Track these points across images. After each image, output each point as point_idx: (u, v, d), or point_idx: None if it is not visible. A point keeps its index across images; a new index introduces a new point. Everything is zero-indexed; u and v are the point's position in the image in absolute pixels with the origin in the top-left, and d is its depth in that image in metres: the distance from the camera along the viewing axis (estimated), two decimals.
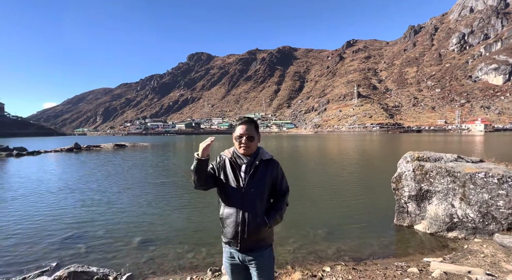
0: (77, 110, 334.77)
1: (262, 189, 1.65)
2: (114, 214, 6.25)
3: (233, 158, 1.69)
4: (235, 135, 1.67)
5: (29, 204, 7.23)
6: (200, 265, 3.79)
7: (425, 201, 4.63)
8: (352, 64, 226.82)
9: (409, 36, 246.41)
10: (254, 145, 1.70)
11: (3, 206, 7.01)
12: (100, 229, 5.26)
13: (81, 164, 16.91)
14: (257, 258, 1.66)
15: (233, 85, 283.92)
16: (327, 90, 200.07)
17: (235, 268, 1.72)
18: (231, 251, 1.70)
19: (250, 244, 1.63)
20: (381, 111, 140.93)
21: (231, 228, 1.62)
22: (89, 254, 4.24)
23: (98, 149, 29.07)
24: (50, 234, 5.07)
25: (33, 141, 54.27)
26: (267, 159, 1.70)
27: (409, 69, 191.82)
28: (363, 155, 20.53)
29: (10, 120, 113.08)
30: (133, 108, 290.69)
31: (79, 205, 7.02)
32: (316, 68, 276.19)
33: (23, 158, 20.85)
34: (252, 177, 1.63)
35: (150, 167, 14.63)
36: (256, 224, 1.60)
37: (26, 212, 6.50)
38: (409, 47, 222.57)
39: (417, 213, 4.78)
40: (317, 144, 36.62)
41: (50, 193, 8.50)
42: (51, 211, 6.51)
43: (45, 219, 5.95)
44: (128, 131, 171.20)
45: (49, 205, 7.06)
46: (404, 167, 4.86)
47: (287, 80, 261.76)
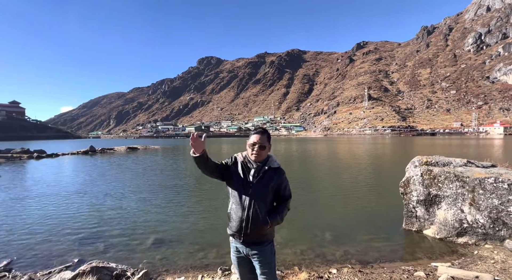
0: (91, 114, 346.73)
1: (266, 192, 1.85)
2: (129, 214, 6.55)
3: (245, 161, 1.90)
4: (249, 142, 1.88)
5: (50, 203, 7.67)
6: (210, 264, 3.96)
7: (434, 205, 4.62)
8: (363, 66, 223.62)
9: (422, 37, 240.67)
10: (265, 153, 1.89)
11: (27, 206, 7.48)
12: (116, 229, 5.54)
13: (97, 166, 17.60)
14: (259, 252, 1.86)
15: (242, 88, 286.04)
16: (337, 93, 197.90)
17: (240, 260, 1.94)
18: (237, 245, 1.91)
19: (252, 239, 1.83)
20: (393, 114, 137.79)
21: (236, 223, 1.83)
22: (107, 251, 4.51)
23: (111, 151, 30.07)
24: (70, 232, 5.40)
25: (51, 144, 56.71)
26: (275, 167, 1.89)
27: (422, 70, 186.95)
28: (374, 158, 20.23)
29: (30, 124, 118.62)
30: (144, 112, 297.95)
31: (96, 205, 7.38)
32: (325, 70, 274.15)
33: (43, 160, 21.90)
34: (259, 181, 1.84)
35: (161, 170, 15.05)
36: (258, 222, 1.80)
37: (48, 211, 6.91)
38: (422, 48, 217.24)
39: (426, 217, 4.77)
40: (326, 147, 36.30)
41: (68, 193, 8.97)
42: (70, 211, 6.90)
43: (65, 218, 6.32)
44: (140, 134, 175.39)
45: (68, 205, 7.47)
46: (412, 171, 4.87)
47: (296, 83, 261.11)
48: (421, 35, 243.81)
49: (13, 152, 23.98)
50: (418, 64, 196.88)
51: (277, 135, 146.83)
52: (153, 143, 59.87)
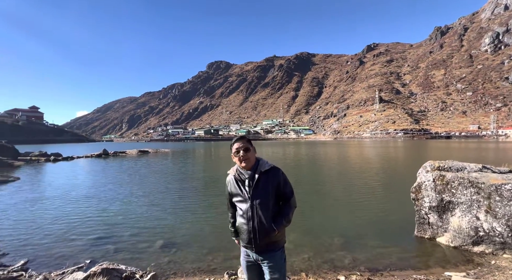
0: (105, 118, 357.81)
1: (266, 198, 1.84)
2: (139, 217, 6.68)
3: (237, 174, 1.90)
4: (233, 152, 1.89)
5: (64, 205, 7.94)
6: (217, 268, 3.98)
7: (448, 212, 4.46)
8: (373, 68, 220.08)
9: (435, 38, 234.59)
10: (252, 155, 1.88)
11: (42, 207, 7.78)
12: (126, 231, 5.67)
13: (109, 169, 18.10)
14: (269, 258, 1.86)
15: (251, 92, 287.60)
16: (347, 96, 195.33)
17: (250, 265, 1.96)
18: (247, 250, 1.94)
19: (263, 247, 1.85)
20: (405, 117, 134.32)
21: (245, 235, 1.86)
22: (117, 253, 4.61)
23: (123, 154, 30.84)
24: (82, 234, 5.57)
25: (67, 147, 58.83)
26: (267, 169, 1.88)
27: (436, 72, 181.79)
28: (386, 162, 19.74)
29: (48, 128, 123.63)
30: (155, 116, 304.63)
31: (107, 208, 7.58)
32: (335, 73, 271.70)
33: (59, 162, 22.74)
34: (255, 189, 1.84)
35: (170, 173, 15.29)
36: (264, 231, 1.80)
37: (62, 213, 7.16)
38: (436, 49, 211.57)
39: (439, 224, 4.60)
40: (336, 151, 35.78)
41: (81, 196, 9.26)
42: (82, 213, 7.11)
43: (77, 220, 6.52)
44: (151, 138, 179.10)
45: (80, 207, 7.71)
46: (424, 176, 4.73)
47: (305, 86, 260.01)
48: (434, 36, 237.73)
49: (32, 155, 25.05)
50: (432, 65, 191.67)
51: (286, 138, 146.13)
52: (163, 146, 60.96)
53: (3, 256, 4.56)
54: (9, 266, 4.17)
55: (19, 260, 4.39)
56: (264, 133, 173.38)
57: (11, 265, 4.21)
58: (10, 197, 9.13)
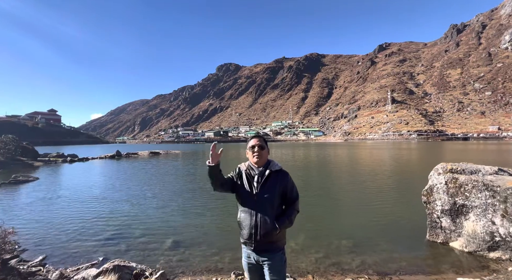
0: (118, 120, 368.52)
1: (272, 196, 1.87)
2: (150, 216, 6.86)
3: (248, 170, 1.96)
4: (249, 146, 1.97)
5: (79, 205, 8.27)
6: (224, 268, 4.03)
7: (461, 216, 4.31)
8: (385, 68, 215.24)
9: (451, 36, 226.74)
10: (265, 154, 1.95)
11: (59, 206, 8.13)
12: (137, 230, 5.83)
13: (121, 170, 18.63)
14: (270, 259, 1.88)
15: (260, 93, 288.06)
16: (358, 97, 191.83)
17: (251, 267, 1.97)
18: (248, 252, 1.94)
19: (263, 245, 1.85)
20: (419, 118, 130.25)
21: (247, 230, 1.87)
22: (128, 251, 4.76)
23: (136, 156, 31.64)
24: (95, 232, 5.78)
25: (83, 148, 61.03)
26: (276, 169, 1.93)
27: (452, 71, 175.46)
28: (398, 164, 19.24)
29: (65, 130, 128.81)
30: (166, 118, 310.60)
31: (119, 208, 7.82)
32: (345, 74, 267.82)
33: (75, 163, 23.64)
34: (263, 185, 1.88)
35: (180, 174, 15.56)
36: (267, 228, 1.82)
37: (77, 212, 7.45)
38: (451, 48, 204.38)
39: (452, 229, 4.45)
40: (347, 152, 35.19)
41: (95, 196, 9.60)
42: (96, 212, 7.37)
43: (92, 218, 6.77)
44: (162, 139, 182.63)
45: (94, 207, 7.99)
46: (436, 179, 4.60)
47: (314, 87, 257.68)
48: (450, 34, 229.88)
49: (50, 156, 26.18)
50: (447, 64, 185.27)
51: (295, 140, 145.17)
52: (174, 147, 62.05)
53: (23, 251, 4.81)
54: (28, 261, 4.40)
55: (37, 255, 4.62)
56: (273, 135, 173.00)
57: (30, 260, 4.43)
58: (29, 196, 9.60)
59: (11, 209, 7.82)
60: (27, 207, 8.06)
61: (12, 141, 21.93)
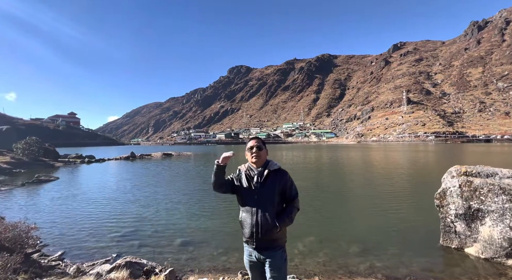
0: (133, 122, 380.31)
1: (272, 195, 1.92)
2: (161, 216, 7.06)
3: (247, 171, 2.03)
4: (247, 147, 2.03)
5: (95, 203, 8.64)
6: (232, 268, 4.09)
7: (477, 221, 4.14)
8: (400, 68, 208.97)
9: (472, 33, 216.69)
10: (263, 154, 2.01)
11: (77, 205, 8.53)
12: (149, 229, 6.03)
13: (135, 171, 19.23)
14: (270, 257, 1.92)
15: (271, 95, 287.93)
16: (371, 97, 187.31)
17: (252, 264, 2.02)
18: (249, 250, 1.99)
19: (264, 243, 1.90)
20: (437, 119, 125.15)
21: (248, 229, 1.93)
22: (140, 249, 4.93)
23: (149, 157, 32.53)
24: (110, 230, 6.02)
25: (100, 150, 63.47)
26: (275, 169, 1.98)
27: (473, 70, 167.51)
28: (414, 167, 18.60)
29: (84, 132, 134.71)
30: (179, 120, 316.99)
31: (133, 207, 8.10)
32: (358, 74, 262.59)
33: (92, 164, 24.65)
34: (263, 185, 1.93)
35: (191, 175, 15.86)
36: (267, 226, 1.87)
37: (92, 210, 7.80)
38: (472, 46, 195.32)
39: (468, 234, 4.28)
40: (360, 155, 34.41)
41: (110, 195, 9.99)
42: (111, 211, 7.68)
43: (106, 217, 7.07)
44: (175, 141, 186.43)
45: (109, 206, 8.32)
46: (449, 182, 4.45)
47: (326, 89, 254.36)
48: (470, 31, 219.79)
49: (69, 157, 27.48)
50: (467, 63, 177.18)
51: (306, 142, 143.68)
52: (186, 149, 63.18)
53: (44, 246, 5.10)
54: (48, 256, 4.67)
55: (57, 251, 4.89)
56: (284, 136, 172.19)
57: (50, 255, 4.71)
58: (50, 195, 10.14)
59: (34, 207, 8.30)
60: (48, 205, 8.52)
61: (36, 143, 23.22)
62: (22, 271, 2.79)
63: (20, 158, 21.13)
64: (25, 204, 8.73)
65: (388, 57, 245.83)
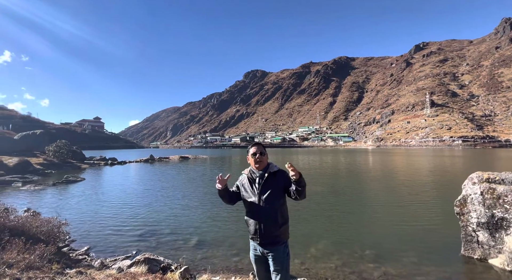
0: (152, 126, 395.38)
1: (272, 194, 2.09)
2: (177, 217, 7.34)
3: (250, 174, 2.24)
4: (250, 153, 2.22)
5: (118, 203, 9.15)
6: (244, 269, 4.19)
7: (501, 230, 3.92)
8: (423, 69, 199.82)
9: (503, 31, 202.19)
10: (265, 159, 2.20)
11: (101, 204, 9.08)
12: (167, 228, 6.30)
13: (154, 173, 20.01)
14: (273, 251, 2.09)
15: (287, 99, 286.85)
16: (391, 100, 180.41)
17: (257, 259, 2.20)
18: (255, 244, 2.18)
19: (267, 239, 2.07)
20: (464, 122, 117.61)
21: (253, 227, 2.13)
22: (158, 247, 5.19)
23: (167, 160, 33.66)
24: (131, 228, 6.37)
25: (121, 153, 66.58)
26: (275, 171, 2.17)
27: (505, 70, 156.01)
28: (438, 172, 17.65)
29: (107, 136, 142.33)
30: (196, 124, 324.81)
31: (151, 208, 8.48)
32: (377, 77, 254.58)
33: (115, 166, 25.98)
34: (264, 186, 2.11)
35: (207, 178, 16.21)
36: (270, 223, 2.05)
37: (115, 209, 8.27)
38: (504, 44, 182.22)
39: (491, 244, 4.06)
40: (380, 160, 33.21)
41: (131, 195, 10.52)
42: (131, 211, 8.10)
43: (128, 216, 7.47)
44: (191, 144, 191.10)
45: (130, 205, 8.78)
46: (470, 189, 4.25)
47: (343, 92, 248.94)
48: (502, 29, 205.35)
49: (94, 159, 29.19)
50: (499, 62, 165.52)
51: (323, 146, 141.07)
52: (202, 152, 64.56)
53: (72, 241, 5.52)
54: (76, 250, 5.06)
55: (83, 246, 5.28)
56: (299, 140, 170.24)
57: (77, 250, 5.09)
58: (77, 194, 10.88)
59: (63, 205, 8.96)
60: (75, 203, 9.17)
61: (65, 145, 24.97)
62: (55, 261, 3.09)
63: (51, 160, 22.80)
64: (56, 202, 9.45)
65: (409, 58, 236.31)
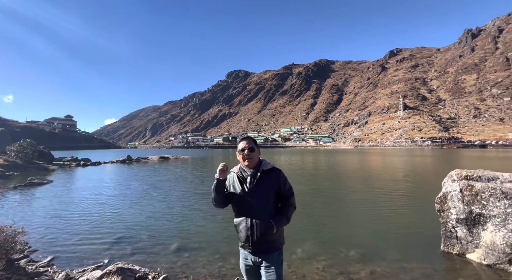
0: (130, 126, 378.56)
1: (266, 196, 1.84)
2: (156, 220, 6.88)
3: (239, 172, 1.94)
4: (238, 149, 1.93)
5: (88, 208, 8.41)
6: (228, 274, 3.95)
7: (478, 226, 4.07)
8: (397, 74, 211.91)
9: (466, 41, 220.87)
10: (256, 155, 1.92)
11: (69, 209, 8.31)
12: (143, 234, 5.85)
13: (131, 174, 18.96)
14: (266, 259, 1.85)
15: (269, 100, 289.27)
16: (368, 103, 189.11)
17: (248, 268, 1.94)
18: (245, 253, 1.92)
19: (260, 246, 1.82)
20: (433, 124, 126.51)
21: (243, 233, 1.86)
22: (133, 254, 4.76)
23: (146, 160, 32.20)
24: (103, 234, 5.83)
25: (96, 153, 62.77)
26: (268, 169, 1.90)
27: (467, 76, 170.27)
28: (412, 171, 18.61)
29: (80, 136, 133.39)
30: (177, 124, 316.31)
31: (127, 211, 7.90)
32: (355, 80, 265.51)
33: (88, 167, 24.29)
34: (256, 186, 1.85)
35: (188, 179, 15.66)
36: (263, 228, 1.79)
37: (85, 214, 7.58)
38: (466, 53, 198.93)
39: (469, 239, 4.20)
40: (358, 159, 34.45)
41: (104, 199, 9.76)
42: (104, 215, 7.47)
43: (99, 221, 6.86)
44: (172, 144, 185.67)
45: (103, 210, 8.11)
46: (450, 186, 4.38)
47: (324, 93, 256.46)
48: (465, 39, 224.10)
49: (64, 160, 27.06)
50: (462, 70, 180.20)
51: (304, 146, 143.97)
52: (183, 153, 62.79)
53: (32, 252, 4.90)
54: (37, 262, 4.48)
55: (46, 256, 4.70)
56: (282, 141, 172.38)
57: (39, 261, 4.51)
58: (42, 198, 9.89)
59: (24, 210, 8.06)
60: (40, 208, 8.29)
61: (30, 145, 22.86)
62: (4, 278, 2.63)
63: (13, 161, 20.75)
64: (16, 208, 8.48)
65: (384, 63, 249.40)
